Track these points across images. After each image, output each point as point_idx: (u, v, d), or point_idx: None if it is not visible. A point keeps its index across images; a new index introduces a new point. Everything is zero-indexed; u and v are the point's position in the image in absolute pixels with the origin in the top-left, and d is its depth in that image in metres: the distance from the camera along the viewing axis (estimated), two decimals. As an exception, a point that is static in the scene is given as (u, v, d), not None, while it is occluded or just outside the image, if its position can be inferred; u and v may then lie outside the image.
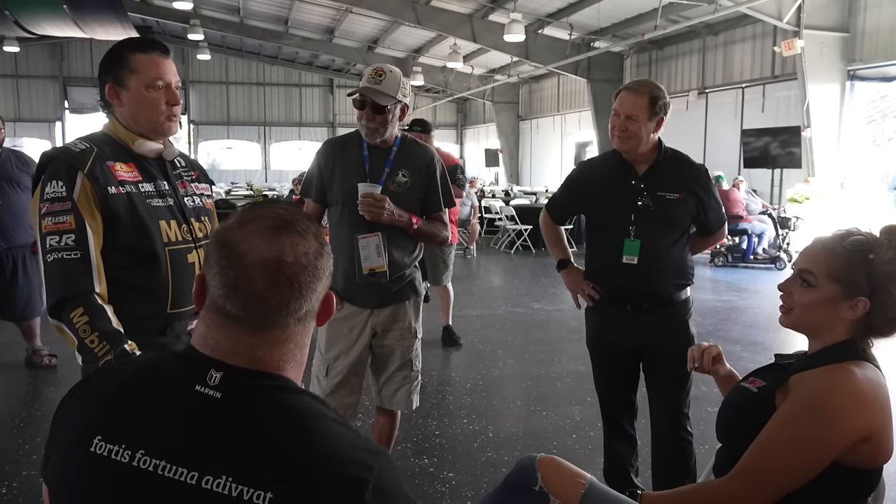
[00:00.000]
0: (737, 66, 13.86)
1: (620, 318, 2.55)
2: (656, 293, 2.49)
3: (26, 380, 4.61)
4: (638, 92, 2.42)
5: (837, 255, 1.49)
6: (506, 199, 14.43)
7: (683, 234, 2.52)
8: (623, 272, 2.46)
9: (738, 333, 5.99)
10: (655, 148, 2.49)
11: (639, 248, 2.43)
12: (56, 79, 23.79)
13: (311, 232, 0.99)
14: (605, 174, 2.58)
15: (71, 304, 1.63)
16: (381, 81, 2.47)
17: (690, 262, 2.58)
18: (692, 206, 2.48)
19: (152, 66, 1.82)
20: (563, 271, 2.72)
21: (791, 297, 1.56)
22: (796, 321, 1.57)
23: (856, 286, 1.46)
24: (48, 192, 1.70)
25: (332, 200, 2.62)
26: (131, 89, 1.82)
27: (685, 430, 2.56)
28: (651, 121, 2.40)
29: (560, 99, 20.65)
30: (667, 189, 2.44)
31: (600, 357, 2.71)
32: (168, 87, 1.84)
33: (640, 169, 2.48)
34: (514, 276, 9.49)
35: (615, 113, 2.44)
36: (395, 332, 2.65)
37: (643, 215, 2.43)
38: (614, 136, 2.46)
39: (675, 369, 2.38)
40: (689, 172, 2.51)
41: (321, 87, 26.47)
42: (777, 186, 11.52)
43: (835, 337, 1.52)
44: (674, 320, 2.53)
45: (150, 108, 1.83)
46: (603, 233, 2.58)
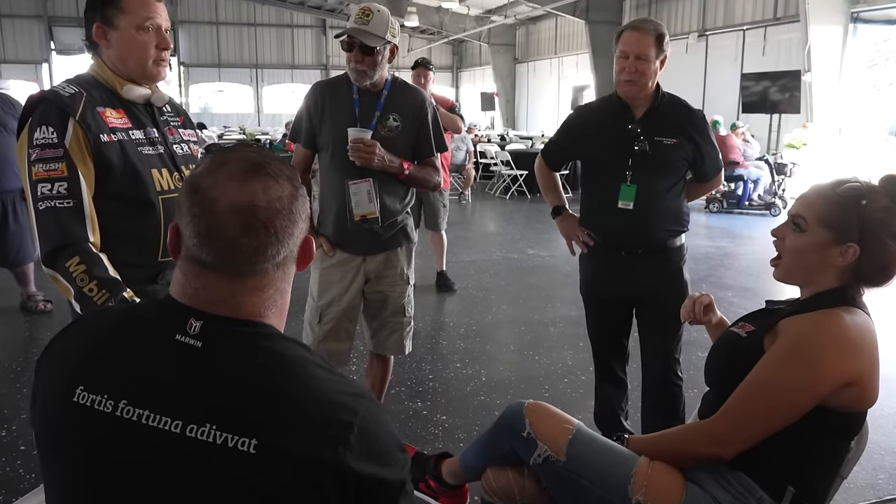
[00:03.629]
0: (738, 8, 13.56)
1: (614, 265, 2.54)
2: (651, 239, 2.48)
3: (22, 325, 4.63)
4: (645, 30, 2.35)
5: (830, 200, 1.50)
6: (501, 143, 14.29)
7: (680, 180, 2.50)
8: (618, 217, 2.44)
9: (731, 279, 6.02)
10: (654, 91, 2.44)
11: (635, 194, 2.40)
12: (41, 18, 23.12)
13: (284, 175, 0.96)
14: (602, 118, 2.53)
15: (66, 252, 1.60)
16: (368, 22, 2.39)
17: (686, 208, 2.56)
18: (689, 152, 2.45)
19: (143, 6, 1.76)
20: (558, 218, 2.70)
21: (783, 242, 1.57)
22: (787, 268, 1.57)
23: (846, 232, 1.47)
24: (37, 137, 1.65)
25: (321, 145, 2.57)
26: (120, 29, 1.76)
27: (675, 375, 2.59)
28: (657, 59, 2.35)
29: (558, 41, 20.25)
30: (664, 134, 2.40)
31: (593, 303, 2.72)
32: (158, 29, 1.78)
33: (638, 112, 2.44)
34: (508, 221, 9.47)
35: (622, 55, 2.36)
36: (388, 278, 2.65)
37: (640, 160, 2.40)
38: (621, 80, 2.38)
39: (667, 315, 2.39)
40: (686, 117, 2.46)
41: (314, 28, 25.85)
42: (775, 132, 11.41)
43: (826, 284, 1.52)
44: (668, 267, 2.52)
45: (140, 50, 1.77)
46: (599, 178, 2.55)
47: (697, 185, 2.64)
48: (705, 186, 2.67)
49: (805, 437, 1.44)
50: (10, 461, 2.84)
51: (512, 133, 18.32)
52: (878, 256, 1.47)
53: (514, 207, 10.67)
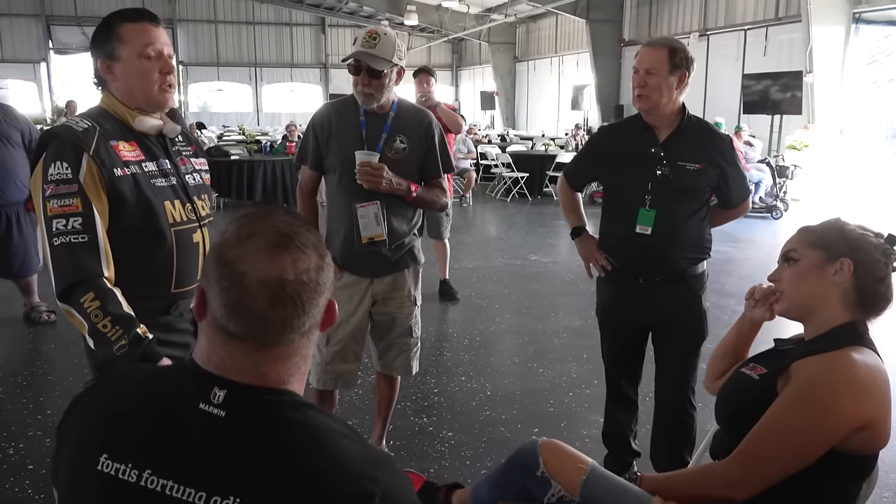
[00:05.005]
0: (740, 8, 13.56)
1: (632, 291, 2.49)
2: (669, 266, 2.42)
3: (26, 336, 4.63)
4: (656, 45, 2.33)
5: (811, 230, 1.61)
6: (502, 145, 14.28)
7: (702, 207, 2.43)
8: (636, 243, 2.39)
9: (734, 286, 6.02)
10: (679, 112, 2.38)
11: (653, 219, 2.35)
12: (38, 17, 23.08)
13: (311, 245, 0.97)
14: (625, 140, 2.48)
15: (81, 288, 1.61)
16: (375, 45, 2.39)
17: (709, 235, 2.48)
18: (713, 178, 2.38)
19: (142, 34, 1.76)
20: (577, 239, 2.66)
21: (781, 281, 1.61)
22: (790, 301, 1.59)
23: (835, 249, 1.54)
24: (52, 173, 1.66)
25: (328, 168, 2.57)
26: (123, 60, 1.76)
27: (690, 405, 2.55)
28: (672, 75, 2.29)
29: (558, 40, 20.24)
30: (687, 159, 2.34)
31: (609, 329, 2.67)
32: (160, 54, 1.78)
33: (662, 135, 2.38)
34: (510, 225, 9.46)
35: (634, 70, 2.35)
36: (395, 300, 2.65)
37: (661, 185, 2.34)
38: (634, 96, 2.36)
39: (685, 344, 2.35)
40: (711, 142, 2.40)
41: (313, 27, 25.82)
42: (776, 133, 11.42)
43: (831, 313, 1.53)
44: (686, 295, 2.46)
45: (144, 77, 1.77)
46: (618, 201, 2.50)
47: (723, 211, 2.56)
48: (731, 213, 2.57)
49: (818, 480, 1.45)
50: (18, 481, 2.84)
51: (512, 133, 18.31)
52: (871, 267, 1.51)
53: (515, 210, 10.66)
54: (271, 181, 10.12)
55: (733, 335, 1.83)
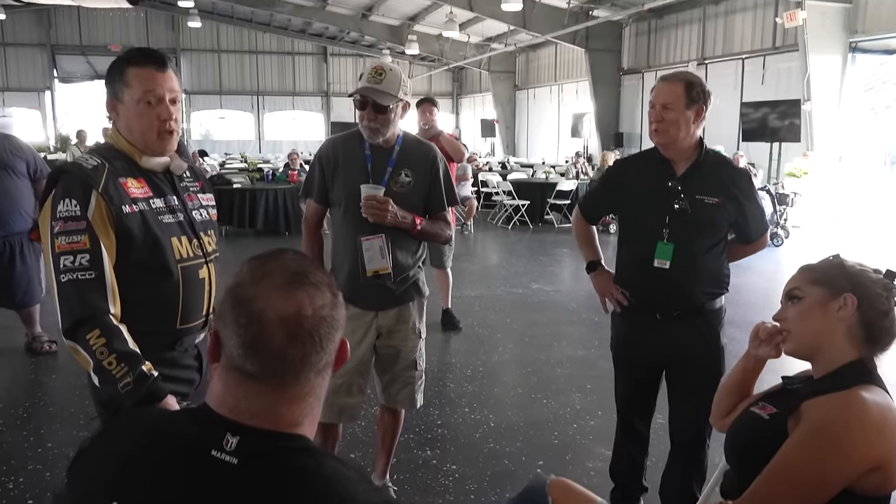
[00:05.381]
0: (737, 37, 13.72)
1: (648, 326, 2.44)
2: (687, 301, 2.37)
3: (27, 367, 4.60)
4: (672, 80, 2.32)
5: (812, 268, 1.62)
6: (502, 171, 14.35)
7: (721, 241, 2.39)
8: (654, 277, 2.35)
9: (736, 315, 5.96)
10: (696, 146, 2.36)
11: (672, 253, 2.32)
12: (44, 47, 23.37)
13: (324, 283, 0.98)
14: (642, 173, 2.46)
15: (87, 325, 1.61)
16: (381, 81, 2.41)
17: (727, 269, 2.45)
18: (731, 212, 2.35)
19: (145, 80, 1.77)
20: (593, 273, 2.62)
21: (786, 320, 1.61)
22: (797, 340, 1.59)
23: (838, 285, 1.54)
24: (61, 210, 1.67)
25: (334, 201, 2.59)
26: (125, 103, 1.78)
27: (705, 443, 2.50)
28: (689, 109, 2.27)
29: (557, 68, 20.45)
30: (706, 192, 2.32)
31: (624, 364, 2.62)
32: (161, 100, 1.78)
33: (680, 168, 2.36)
34: (511, 253, 9.47)
35: (651, 105, 2.34)
36: (400, 333, 2.65)
37: (679, 218, 2.32)
38: (651, 131, 2.35)
39: (702, 381, 2.28)
40: (730, 176, 2.38)
41: (315, 56, 26.10)
42: (775, 160, 11.48)
43: (839, 351, 1.53)
44: (704, 330, 2.41)
45: (143, 122, 1.78)
46: (635, 234, 2.47)
47: (741, 246, 2.52)
48: (749, 248, 2.53)
49: (830, 520, 1.43)
50: (17, 517, 2.81)
51: (513, 160, 18.41)
52: (875, 301, 1.51)
53: (516, 238, 10.67)
54: (273, 209, 10.16)
55: (738, 373, 1.82)
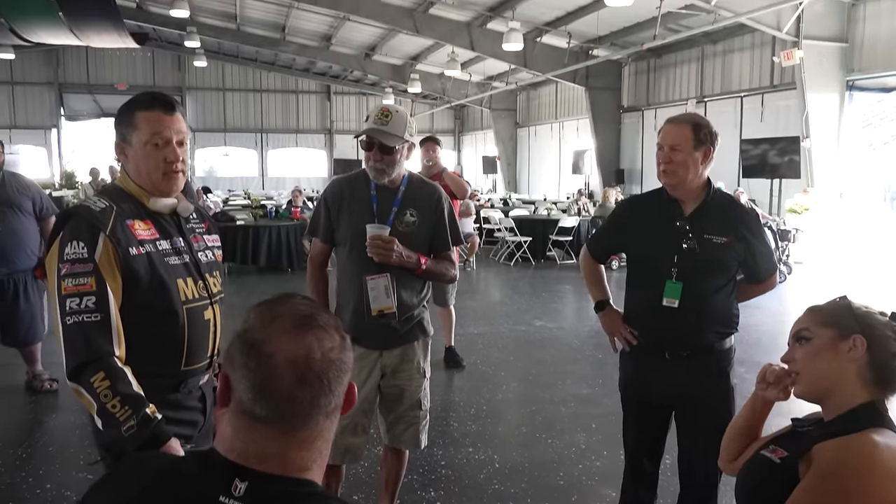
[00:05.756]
0: (735, 75, 13.90)
1: (658, 366, 2.42)
2: (697, 340, 2.36)
3: (27, 406, 4.57)
4: (680, 122, 2.35)
5: (820, 309, 1.60)
6: (504, 208, 14.41)
7: (730, 281, 2.40)
8: (663, 316, 2.35)
9: (742, 353, 5.89)
10: (704, 186, 2.38)
11: (680, 292, 2.32)
12: (52, 85, 23.74)
13: (332, 325, 0.99)
14: (650, 212, 2.47)
15: (91, 367, 1.61)
16: (387, 122, 2.45)
17: (736, 309, 2.44)
18: (740, 252, 2.36)
19: (153, 122, 1.79)
20: (601, 313, 2.61)
21: (795, 362, 1.59)
22: (807, 382, 1.58)
23: (847, 326, 1.53)
24: (68, 252, 1.68)
25: (339, 241, 2.60)
26: (133, 145, 1.81)
27: (715, 486, 2.46)
28: (697, 150, 2.30)
29: (558, 106, 20.69)
30: (714, 232, 2.33)
31: (632, 405, 2.60)
32: (168, 142, 1.81)
33: (688, 208, 2.38)
34: (514, 290, 9.46)
35: (659, 146, 2.36)
36: (404, 372, 2.63)
37: (687, 257, 2.32)
38: (659, 171, 2.37)
39: (712, 422, 2.26)
40: (738, 216, 2.40)
41: (318, 94, 26.47)
42: (776, 196, 11.54)
43: (850, 393, 1.51)
44: (713, 370, 2.39)
45: (149, 164, 1.80)
46: (644, 273, 2.47)
47: (750, 286, 2.52)
48: (758, 288, 2.53)
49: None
50: (13, 562, 2.76)
51: (514, 197, 18.51)
52: (884, 342, 1.50)
53: (518, 275, 10.67)
54: (276, 246, 10.19)
55: (746, 415, 1.80)
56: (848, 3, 10.91)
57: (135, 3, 17.87)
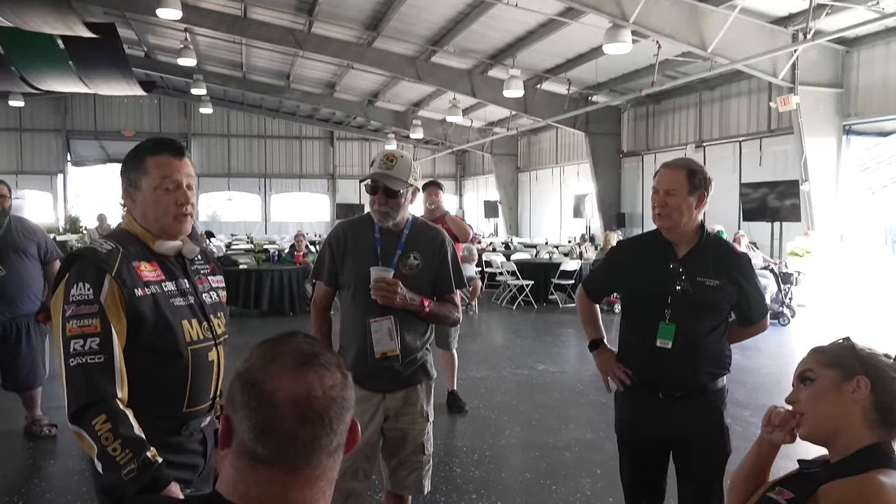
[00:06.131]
0: (733, 120, 14.09)
1: (651, 406, 2.45)
2: (690, 381, 2.40)
3: (25, 451, 4.52)
4: (675, 167, 2.41)
5: (824, 350, 1.61)
6: (506, 252, 14.45)
7: (722, 323, 2.44)
8: (656, 357, 2.38)
9: (746, 396, 5.91)
10: (697, 230, 2.44)
11: (674, 333, 2.36)
12: (59, 132, 24.09)
13: (334, 363, 0.99)
14: (645, 254, 2.53)
15: (93, 409, 1.60)
16: (392, 167, 2.49)
17: (728, 350, 2.48)
18: (732, 295, 2.41)
19: (164, 166, 1.84)
20: (595, 352, 2.65)
21: (799, 402, 1.60)
22: (812, 423, 1.57)
23: (850, 367, 1.53)
24: (73, 293, 1.69)
25: (343, 284, 2.62)
26: (142, 190, 1.84)
27: None
28: (692, 195, 2.36)
29: (558, 151, 20.92)
30: (707, 275, 2.38)
31: (628, 444, 2.60)
32: (178, 186, 1.85)
33: (681, 251, 2.43)
34: (516, 334, 9.42)
35: (654, 190, 2.42)
36: (408, 416, 2.62)
37: (681, 299, 2.37)
38: (654, 215, 2.43)
39: (707, 462, 2.28)
40: (730, 259, 2.45)
41: (321, 140, 26.81)
42: (777, 239, 11.57)
43: (855, 435, 1.50)
44: (707, 411, 2.42)
45: (160, 207, 1.84)
46: (638, 314, 2.52)
47: (741, 328, 2.56)
48: (750, 330, 2.57)
49: None
50: None
51: (516, 241, 18.57)
52: (888, 383, 1.50)
53: (521, 318, 10.64)
54: (278, 290, 10.20)
55: (752, 459, 1.79)
56: (842, 50, 11.12)
57: (143, 51, 18.26)
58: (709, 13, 9.91)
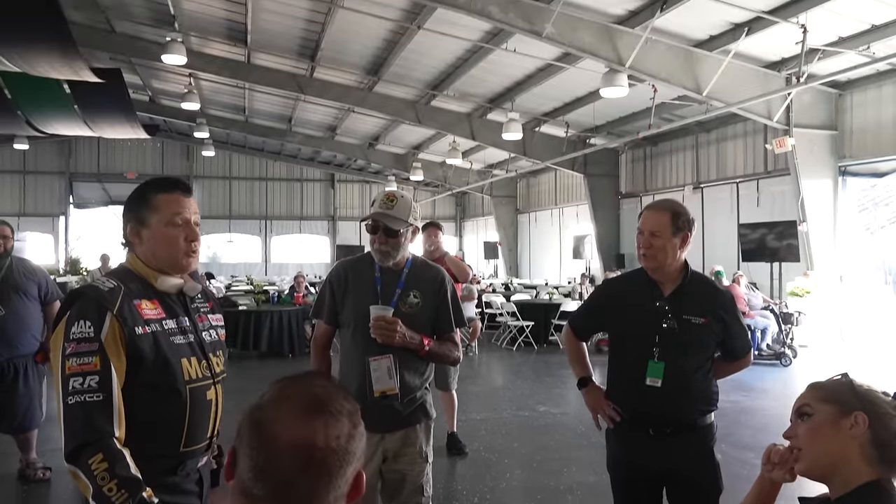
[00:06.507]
0: (730, 162, 14.23)
1: (642, 443, 2.47)
2: (680, 418, 2.44)
3: (18, 495, 4.45)
4: (659, 209, 2.48)
5: (822, 385, 1.62)
6: (506, 293, 14.43)
7: (709, 359, 2.50)
8: (646, 394, 2.42)
9: (750, 438, 5.84)
10: (682, 269, 2.49)
11: (663, 371, 2.40)
12: (63, 174, 24.30)
13: (345, 411, 0.97)
14: (631, 293, 2.58)
15: (90, 449, 1.59)
16: (393, 207, 2.52)
17: (715, 386, 2.54)
18: (717, 332, 2.47)
19: (173, 203, 1.86)
20: (584, 389, 2.67)
21: (797, 438, 1.59)
22: (810, 459, 1.56)
23: (848, 403, 1.53)
24: (74, 331, 1.69)
25: (343, 322, 2.62)
26: (151, 227, 1.85)
27: None
28: (675, 236, 2.42)
29: (557, 193, 21.06)
30: (693, 313, 2.43)
31: (621, 482, 2.61)
32: (187, 222, 1.87)
33: (666, 290, 2.48)
34: (517, 375, 9.35)
35: (639, 231, 2.48)
36: (407, 456, 2.59)
37: (668, 338, 2.41)
38: (639, 255, 2.49)
39: (700, 498, 2.30)
40: (714, 297, 2.52)
41: (322, 182, 27.02)
42: (776, 279, 11.57)
43: (854, 472, 1.49)
44: (698, 447, 2.46)
45: (170, 244, 1.86)
46: (626, 352, 2.55)
47: (727, 363, 2.62)
48: (735, 365, 2.64)
49: None
50: None
51: (516, 282, 18.56)
52: (886, 420, 1.50)
53: (521, 360, 10.57)
54: (277, 331, 10.16)
55: (753, 498, 1.77)
56: (835, 93, 11.30)
57: (148, 96, 18.55)
58: (703, 58, 10.10)
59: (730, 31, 9.62)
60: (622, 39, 9.56)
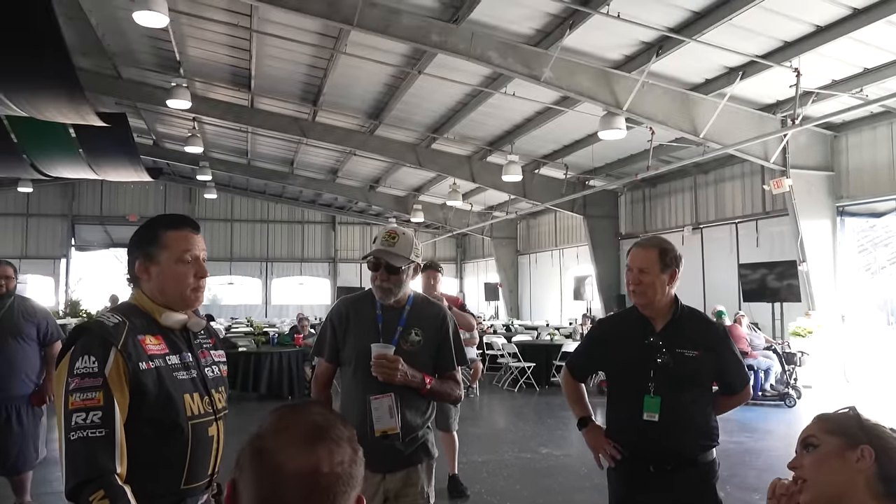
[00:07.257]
0: (729, 203, 14.32)
1: (644, 480, 2.47)
2: (680, 453, 2.44)
3: (12, 541, 4.37)
4: (647, 246, 2.53)
5: (829, 417, 1.61)
6: (507, 334, 14.37)
7: (706, 393, 2.51)
8: (644, 430, 2.43)
9: (755, 479, 5.76)
10: (672, 304, 2.53)
11: (659, 405, 2.41)
12: (65, 217, 24.42)
13: (345, 438, 0.99)
14: (624, 331, 2.61)
15: (92, 486, 1.58)
16: (394, 244, 2.54)
17: (715, 421, 2.54)
18: (711, 364, 2.48)
19: (183, 241, 1.90)
20: (585, 429, 2.68)
21: (803, 468, 1.58)
22: (813, 490, 1.55)
23: (854, 436, 1.52)
24: (78, 367, 1.69)
25: (344, 360, 2.62)
26: (160, 263, 1.88)
27: None
28: (664, 273, 2.47)
29: (558, 234, 21.14)
30: (685, 346, 2.46)
31: None
32: (196, 259, 1.90)
33: (658, 325, 2.51)
34: (518, 416, 9.26)
35: (628, 268, 2.52)
36: (408, 497, 2.56)
37: (662, 372, 2.43)
38: (629, 291, 2.53)
39: None
40: (706, 330, 2.55)
41: (323, 224, 27.13)
42: (778, 319, 11.54)
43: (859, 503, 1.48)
44: (700, 483, 2.45)
45: (179, 280, 1.88)
46: (623, 389, 2.58)
47: (726, 398, 2.64)
48: (734, 399, 2.65)
49: None
50: None
51: (517, 323, 18.49)
52: (893, 454, 1.49)
53: (523, 401, 10.47)
54: (277, 372, 10.10)
55: None
56: (830, 135, 11.44)
57: (152, 139, 18.78)
58: (699, 101, 10.26)
59: (725, 75, 9.80)
60: (619, 83, 9.73)
